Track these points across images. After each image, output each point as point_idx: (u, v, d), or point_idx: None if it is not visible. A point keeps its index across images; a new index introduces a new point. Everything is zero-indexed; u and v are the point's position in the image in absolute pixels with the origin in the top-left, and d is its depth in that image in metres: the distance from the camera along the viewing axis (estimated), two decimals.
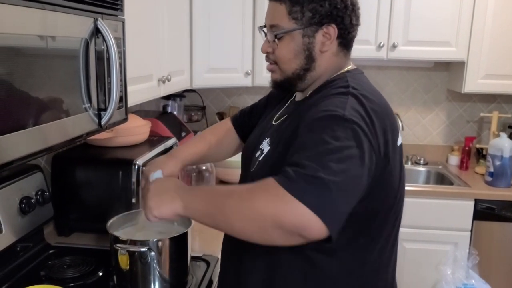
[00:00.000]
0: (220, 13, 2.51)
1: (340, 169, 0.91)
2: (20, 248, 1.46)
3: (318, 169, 0.89)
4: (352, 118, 0.96)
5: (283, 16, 1.11)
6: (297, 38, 1.12)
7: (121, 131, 1.72)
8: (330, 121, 0.97)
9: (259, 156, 1.16)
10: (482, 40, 2.67)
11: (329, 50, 1.13)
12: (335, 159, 0.91)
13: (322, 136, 0.94)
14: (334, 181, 0.89)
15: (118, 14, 1.33)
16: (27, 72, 0.95)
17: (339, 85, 1.09)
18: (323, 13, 1.09)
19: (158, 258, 1.28)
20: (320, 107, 1.02)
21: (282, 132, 1.13)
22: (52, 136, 1.04)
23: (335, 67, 1.16)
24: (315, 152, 0.93)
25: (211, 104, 3.21)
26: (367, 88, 1.10)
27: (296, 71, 1.14)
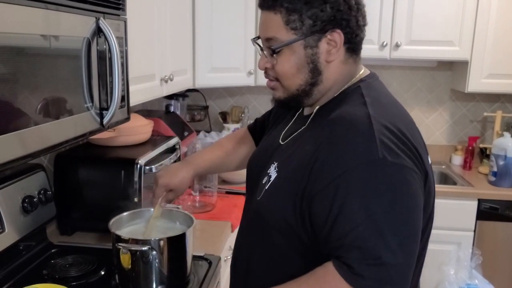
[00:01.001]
0: (223, 12, 2.51)
1: (404, 239, 0.85)
2: (22, 247, 1.46)
3: (380, 251, 0.83)
4: (393, 160, 0.86)
5: (280, 27, 0.98)
6: (298, 50, 0.98)
7: (124, 131, 1.72)
8: (368, 173, 0.86)
9: (266, 183, 1.03)
10: (485, 40, 2.66)
11: (337, 58, 1.00)
12: (394, 228, 0.84)
13: (368, 197, 0.85)
14: (401, 262, 0.84)
15: (120, 14, 1.33)
16: (30, 72, 0.95)
17: (355, 104, 0.96)
18: (325, 18, 0.96)
19: (160, 257, 1.28)
20: (341, 145, 0.89)
21: (291, 157, 1.01)
22: (54, 135, 1.05)
23: (346, 75, 1.03)
24: (368, 225, 0.84)
25: (213, 103, 3.22)
26: (386, 101, 0.99)
27: (301, 87, 1.01)
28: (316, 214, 0.91)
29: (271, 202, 1.01)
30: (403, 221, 0.86)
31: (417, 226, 0.89)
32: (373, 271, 0.84)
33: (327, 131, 0.94)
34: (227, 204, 2.16)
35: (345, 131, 0.90)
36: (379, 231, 0.84)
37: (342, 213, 0.86)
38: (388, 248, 0.83)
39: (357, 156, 0.87)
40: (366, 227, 0.84)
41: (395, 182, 0.86)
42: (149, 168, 1.64)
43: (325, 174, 0.89)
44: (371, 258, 0.84)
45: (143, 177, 1.61)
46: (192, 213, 1.43)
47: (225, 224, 1.93)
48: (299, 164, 0.96)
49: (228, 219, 1.98)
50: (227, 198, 2.24)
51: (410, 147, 0.90)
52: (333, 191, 0.87)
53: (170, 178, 1.39)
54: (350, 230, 0.85)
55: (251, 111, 3.17)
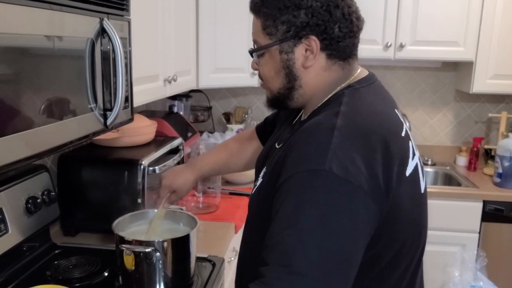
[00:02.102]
0: (226, 13, 2.51)
1: (326, 255, 0.79)
2: (26, 248, 1.46)
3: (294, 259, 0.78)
4: (338, 173, 0.81)
5: (259, 32, 1.01)
6: (274, 55, 0.99)
7: (127, 131, 1.72)
8: (309, 181, 0.83)
9: (256, 187, 1.06)
10: (490, 40, 2.65)
11: (315, 64, 0.98)
12: (318, 241, 0.79)
13: (301, 204, 0.81)
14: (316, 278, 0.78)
15: (124, 14, 1.32)
16: (34, 72, 0.95)
17: (329, 113, 0.93)
18: (299, 24, 0.95)
19: (164, 258, 1.28)
20: (297, 151, 0.88)
21: (273, 163, 1.00)
22: (58, 136, 1.04)
23: (331, 82, 1.00)
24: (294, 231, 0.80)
25: (217, 104, 3.21)
26: (368, 109, 0.94)
27: (280, 90, 1.02)
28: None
29: (256, 205, 1.05)
30: (330, 237, 0.80)
31: (347, 246, 0.81)
32: (282, 278, 0.78)
33: (294, 137, 0.94)
34: (230, 205, 2.16)
35: (304, 139, 0.89)
36: (302, 240, 0.79)
37: (277, 215, 0.85)
38: (305, 258, 0.78)
39: (305, 163, 0.85)
40: (291, 233, 0.80)
41: (335, 196, 0.81)
42: (152, 169, 1.64)
43: (280, 177, 0.89)
44: (284, 264, 0.79)
45: (147, 178, 1.61)
46: (195, 214, 1.42)
47: (229, 225, 1.92)
48: (273, 168, 0.97)
49: (231, 220, 1.98)
50: (231, 199, 2.24)
51: (372, 163, 0.85)
52: (278, 193, 0.87)
53: (173, 180, 1.41)
54: (276, 232, 0.83)
55: (255, 112, 3.16)
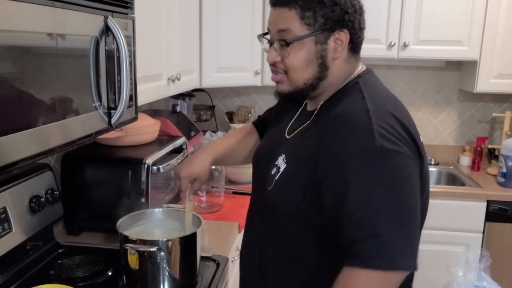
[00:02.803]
0: (230, 12, 2.50)
1: (402, 219, 0.93)
2: (29, 247, 1.46)
3: (381, 229, 0.91)
4: (389, 147, 0.93)
5: (295, 21, 1.04)
6: (309, 45, 1.05)
7: (131, 130, 1.71)
8: (368, 160, 0.93)
9: (275, 174, 1.10)
10: (494, 39, 2.63)
11: (341, 56, 1.07)
12: (392, 209, 0.92)
13: (368, 182, 0.93)
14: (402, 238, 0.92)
15: (129, 13, 1.32)
16: (37, 71, 0.94)
17: (355, 100, 1.04)
18: (335, 18, 1.03)
19: (168, 258, 1.27)
20: (344, 135, 0.97)
21: (298, 149, 1.07)
22: (62, 135, 1.04)
23: (346, 73, 1.10)
24: (369, 207, 0.92)
25: (220, 103, 3.21)
26: (383, 95, 1.08)
27: (308, 80, 1.07)
28: (325, 201, 0.98)
29: (282, 191, 1.07)
30: (400, 203, 0.93)
31: (414, 206, 0.96)
32: (378, 249, 0.91)
33: (329, 126, 1.03)
34: (234, 204, 2.15)
35: (346, 125, 0.99)
36: (379, 212, 0.91)
37: (348, 196, 0.93)
38: (389, 226, 0.91)
39: (357, 145, 0.95)
40: (368, 208, 0.92)
41: (393, 167, 0.94)
42: (156, 168, 1.63)
43: (329, 164, 0.97)
44: (374, 235, 0.91)
45: (151, 177, 1.61)
46: (199, 214, 1.42)
47: (233, 224, 1.92)
48: (305, 156, 1.03)
49: (235, 219, 1.97)
50: (234, 198, 2.23)
51: (404, 135, 0.98)
52: (338, 179, 0.95)
53: (191, 167, 1.38)
54: (354, 211, 0.93)
55: (258, 111, 3.15)
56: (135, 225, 1.41)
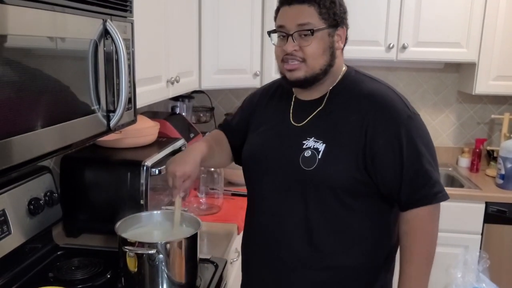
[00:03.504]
0: (229, 14, 2.51)
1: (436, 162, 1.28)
2: (28, 249, 1.46)
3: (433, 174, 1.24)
4: (416, 112, 1.28)
5: (314, 16, 1.23)
6: (324, 36, 1.25)
7: (130, 133, 1.71)
8: (413, 123, 1.24)
9: (314, 155, 1.25)
10: (493, 41, 2.64)
11: (340, 49, 1.31)
12: (434, 157, 1.26)
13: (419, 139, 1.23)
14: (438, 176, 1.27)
15: (127, 16, 1.32)
16: (37, 73, 0.95)
17: (370, 81, 1.31)
18: (340, 16, 1.26)
19: (166, 260, 1.28)
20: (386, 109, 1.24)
21: (331, 129, 1.26)
22: (61, 137, 1.04)
23: (340, 65, 1.34)
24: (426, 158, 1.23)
25: (219, 105, 3.21)
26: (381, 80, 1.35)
27: (323, 66, 1.26)
28: (381, 163, 1.22)
29: (333, 166, 1.24)
30: (433, 151, 1.28)
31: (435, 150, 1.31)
32: (436, 188, 1.24)
33: (366, 103, 1.25)
34: (233, 206, 2.16)
35: (384, 100, 1.25)
36: (428, 162, 1.24)
37: (404, 155, 1.21)
38: (434, 170, 1.25)
39: (402, 114, 1.23)
40: (425, 160, 1.23)
41: (423, 125, 1.28)
42: (155, 170, 1.63)
43: (381, 135, 1.22)
44: (430, 180, 1.23)
45: (150, 179, 1.61)
46: (198, 216, 1.42)
47: (232, 226, 1.92)
48: (349, 131, 1.24)
49: (234, 221, 1.97)
50: (233, 200, 2.24)
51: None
52: (394, 146, 1.22)
53: (185, 166, 1.38)
54: (410, 165, 1.22)
55: None
56: (134, 227, 1.41)
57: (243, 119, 1.50)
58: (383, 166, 1.23)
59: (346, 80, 1.32)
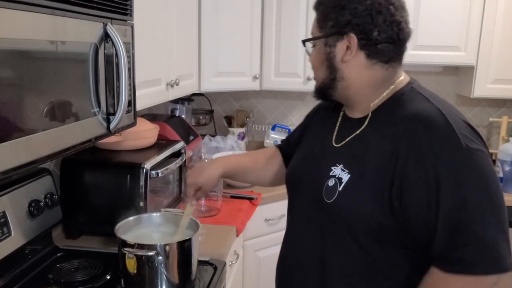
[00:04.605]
0: (229, 18, 2.52)
1: (499, 217, 0.95)
2: (28, 251, 1.47)
3: (482, 232, 0.93)
4: (473, 147, 0.96)
5: (315, 25, 1.12)
6: (319, 47, 1.11)
7: (130, 135, 1.72)
8: (459, 161, 0.94)
9: (336, 186, 1.06)
10: (491, 45, 2.65)
11: (355, 61, 1.07)
12: (491, 209, 0.94)
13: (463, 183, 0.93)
14: (500, 236, 0.94)
15: (127, 19, 1.33)
16: (37, 76, 0.96)
17: (420, 102, 1.05)
18: (343, 22, 1.05)
19: (166, 262, 1.28)
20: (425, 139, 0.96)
21: (360, 158, 1.05)
22: (61, 140, 1.05)
23: (375, 80, 1.09)
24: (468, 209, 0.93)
25: (219, 107, 3.22)
26: (441, 99, 1.09)
27: (325, 80, 1.12)
28: (411, 206, 0.96)
29: (352, 203, 1.03)
30: (495, 201, 0.95)
31: (503, 202, 0.98)
32: (482, 253, 0.93)
33: (402, 128, 1.00)
34: (232, 208, 2.16)
35: (425, 127, 0.98)
36: (478, 214, 0.93)
37: (441, 202, 0.93)
38: (488, 227, 0.93)
39: (445, 147, 0.95)
40: (466, 212, 0.92)
41: (481, 165, 0.96)
42: (155, 173, 1.64)
43: (414, 168, 0.96)
44: (475, 240, 0.92)
45: (149, 181, 1.62)
46: (197, 218, 1.43)
47: (230, 228, 1.93)
48: (378, 162, 1.01)
49: (233, 223, 1.98)
50: (232, 202, 2.24)
51: (477, 135, 1.02)
52: (430, 183, 0.94)
53: (197, 176, 1.41)
54: (450, 217, 0.93)
55: (256, 115, 3.17)
56: (134, 229, 1.42)
57: (299, 133, 1.40)
58: (413, 209, 0.96)
59: (394, 98, 1.09)
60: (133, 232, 1.41)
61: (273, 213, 2.39)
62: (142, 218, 1.46)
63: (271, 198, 2.36)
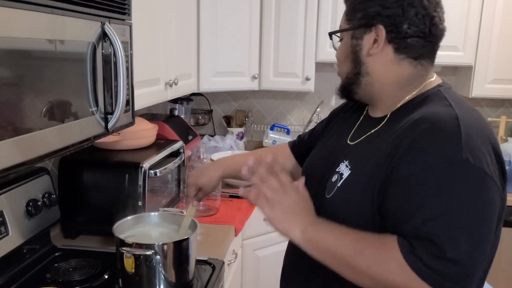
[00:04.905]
0: (228, 17, 2.52)
1: (474, 243, 0.85)
2: (26, 251, 1.46)
3: (447, 247, 0.84)
4: (475, 164, 0.86)
5: (343, 18, 1.09)
6: (346, 39, 1.07)
7: (128, 134, 1.72)
8: (450, 173, 0.86)
9: (336, 181, 1.05)
10: (489, 45, 2.65)
11: (382, 54, 1.02)
12: (466, 230, 0.85)
13: (446, 196, 0.85)
14: (466, 263, 0.84)
15: (126, 18, 1.33)
16: (36, 75, 0.96)
17: (440, 105, 0.97)
18: (371, 13, 1.01)
19: (164, 261, 1.28)
20: (425, 142, 0.90)
21: (364, 156, 1.02)
22: (59, 139, 1.05)
23: (402, 77, 1.04)
24: (442, 221, 0.85)
25: (218, 107, 3.22)
26: (467, 106, 1.00)
27: (349, 74, 1.08)
28: (391, 201, 0.92)
29: (346, 198, 1.01)
30: (476, 224, 0.86)
31: (489, 232, 0.89)
32: (434, 262, 0.85)
33: (408, 129, 0.95)
34: (230, 208, 2.16)
35: (430, 130, 0.91)
36: (452, 229, 0.85)
37: (419, 206, 0.87)
38: (457, 246, 0.84)
39: (441, 154, 0.88)
40: (439, 223, 0.85)
41: (475, 185, 0.87)
42: (153, 172, 1.64)
43: (404, 166, 0.90)
44: (437, 251, 0.85)
45: (147, 180, 1.62)
46: (195, 217, 1.43)
47: (229, 228, 1.93)
48: (376, 162, 0.97)
49: (231, 223, 1.98)
50: (231, 202, 2.24)
51: (492, 155, 0.91)
52: (412, 184, 0.89)
53: (198, 177, 1.44)
54: (423, 222, 0.86)
55: (255, 115, 3.17)
56: (132, 229, 1.42)
57: (319, 130, 1.37)
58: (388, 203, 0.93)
59: (417, 99, 1.03)
60: (131, 232, 1.41)
61: None
62: (141, 218, 1.46)
63: None
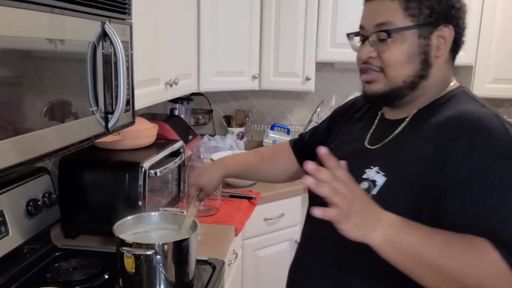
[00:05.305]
0: (228, 17, 2.52)
1: None
2: (26, 250, 1.46)
3: None
4: None
5: (397, 13, 0.97)
6: (411, 39, 0.97)
7: (129, 134, 1.72)
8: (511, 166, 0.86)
9: (369, 189, 0.98)
10: (490, 44, 2.65)
11: (443, 56, 1.00)
12: None
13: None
14: None
15: (126, 18, 1.33)
16: (36, 75, 0.96)
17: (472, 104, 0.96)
18: (441, 11, 0.96)
19: (164, 261, 1.28)
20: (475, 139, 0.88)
21: (397, 161, 0.98)
22: (59, 139, 1.05)
23: (445, 78, 1.03)
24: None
25: (218, 107, 3.22)
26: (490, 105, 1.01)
27: (408, 78, 0.99)
28: (451, 207, 0.88)
29: (388, 207, 0.91)
30: None
31: None
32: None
33: (447, 129, 0.93)
34: (231, 208, 2.16)
35: (476, 127, 0.90)
36: None
37: (495, 208, 0.86)
38: None
39: (496, 150, 0.87)
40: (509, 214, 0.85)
41: None
42: (153, 172, 1.64)
43: (460, 169, 0.88)
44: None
45: (148, 180, 1.61)
46: (196, 217, 1.43)
47: (229, 228, 1.93)
48: (417, 165, 0.94)
49: (232, 223, 1.98)
50: (231, 202, 2.24)
51: None
52: (477, 187, 0.86)
53: (199, 177, 1.43)
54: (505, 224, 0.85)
55: (255, 115, 3.17)
56: (132, 229, 1.41)
57: (322, 130, 1.34)
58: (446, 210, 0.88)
59: (441, 100, 1.01)
60: (132, 231, 1.40)
61: (272, 213, 2.39)
62: (141, 217, 1.45)
63: (270, 198, 2.36)
